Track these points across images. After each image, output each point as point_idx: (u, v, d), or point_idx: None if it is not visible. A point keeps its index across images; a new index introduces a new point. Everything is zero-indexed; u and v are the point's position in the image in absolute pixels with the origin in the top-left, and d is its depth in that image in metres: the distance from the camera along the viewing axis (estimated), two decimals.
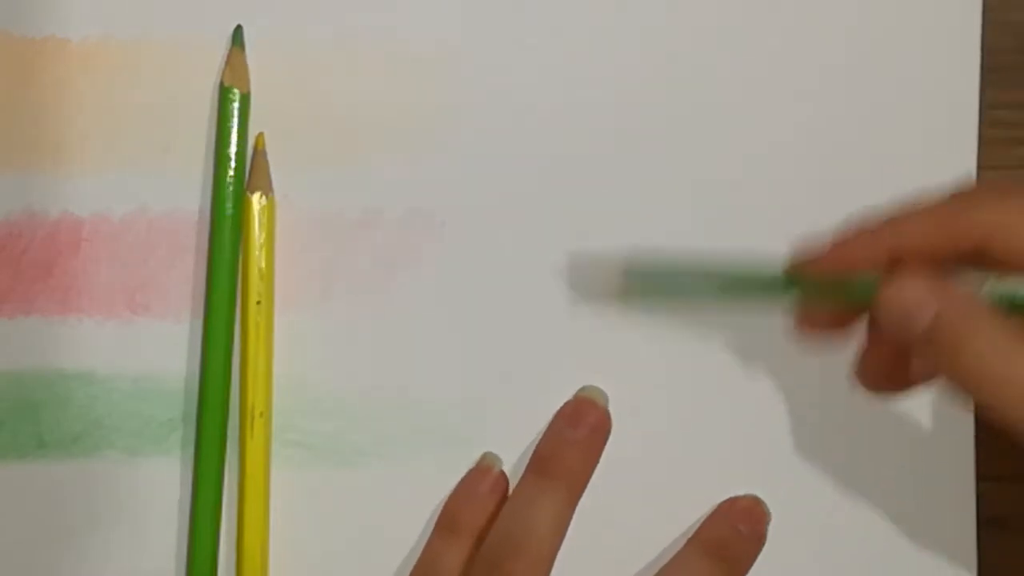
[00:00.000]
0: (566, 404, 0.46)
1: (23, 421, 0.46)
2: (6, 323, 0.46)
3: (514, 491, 0.46)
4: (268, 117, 0.46)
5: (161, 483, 0.46)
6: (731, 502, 0.46)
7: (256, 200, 0.46)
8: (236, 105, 0.46)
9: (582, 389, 0.47)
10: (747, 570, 0.46)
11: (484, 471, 0.46)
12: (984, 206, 0.40)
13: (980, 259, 0.40)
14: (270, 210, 0.46)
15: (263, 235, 0.46)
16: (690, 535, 0.47)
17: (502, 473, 0.46)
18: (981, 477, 0.47)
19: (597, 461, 0.46)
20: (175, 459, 0.46)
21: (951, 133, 0.47)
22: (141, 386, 0.46)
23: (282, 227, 0.46)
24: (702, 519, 0.47)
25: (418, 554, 0.46)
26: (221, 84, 0.46)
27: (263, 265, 0.46)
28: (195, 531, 0.46)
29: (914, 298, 0.39)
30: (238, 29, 0.46)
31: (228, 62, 0.46)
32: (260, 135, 0.46)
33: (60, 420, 0.46)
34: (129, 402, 0.46)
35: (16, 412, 0.46)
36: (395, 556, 0.47)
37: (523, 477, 0.46)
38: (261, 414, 0.46)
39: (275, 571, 0.46)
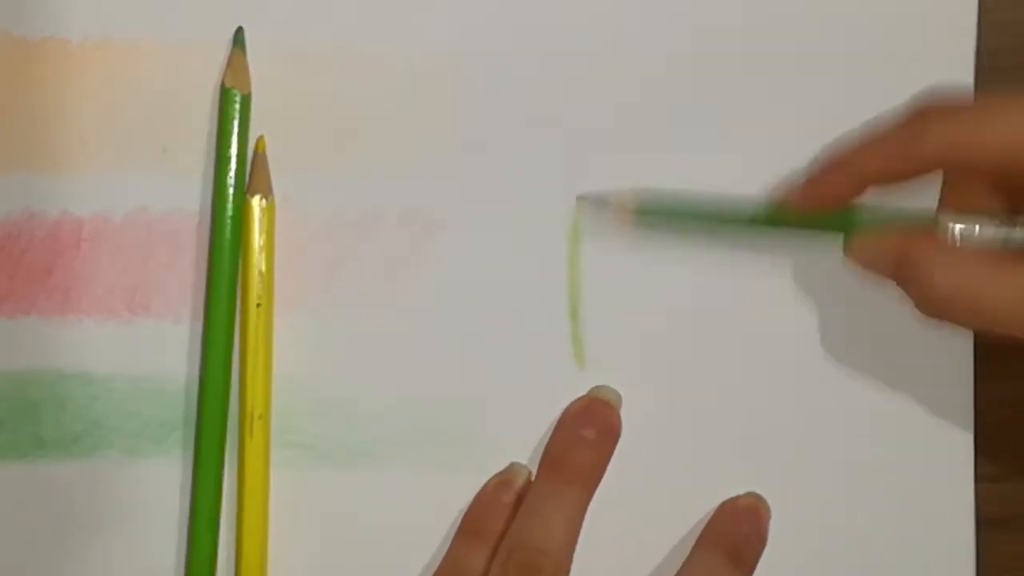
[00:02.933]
0: (576, 402, 0.46)
1: (23, 421, 0.46)
2: (6, 323, 0.46)
3: (530, 492, 0.46)
4: (268, 118, 0.46)
5: (160, 483, 0.46)
6: (733, 502, 0.46)
7: (256, 203, 0.46)
8: (237, 107, 0.46)
9: (595, 388, 0.47)
10: (754, 569, 0.46)
11: (508, 482, 0.46)
12: (937, 123, 0.42)
13: (947, 168, 0.42)
14: (270, 213, 0.46)
15: (263, 238, 0.46)
16: (690, 536, 0.47)
17: (527, 482, 0.46)
18: (980, 477, 0.47)
19: (609, 461, 0.46)
20: (175, 459, 0.46)
21: None
22: (141, 386, 0.46)
23: (282, 228, 0.46)
24: (703, 520, 0.47)
25: (418, 554, 0.46)
26: (222, 86, 0.46)
27: (263, 267, 0.46)
28: (194, 532, 0.46)
29: (870, 251, 0.43)
30: (239, 31, 0.46)
31: (229, 64, 0.46)
32: (260, 138, 0.46)
33: (60, 420, 0.46)
34: (129, 402, 0.46)
35: (16, 412, 0.46)
36: (395, 556, 0.47)
37: (538, 477, 0.46)
38: (260, 416, 0.46)
39: (274, 571, 0.46)
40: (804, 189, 0.44)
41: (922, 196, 0.44)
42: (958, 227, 0.43)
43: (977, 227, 0.43)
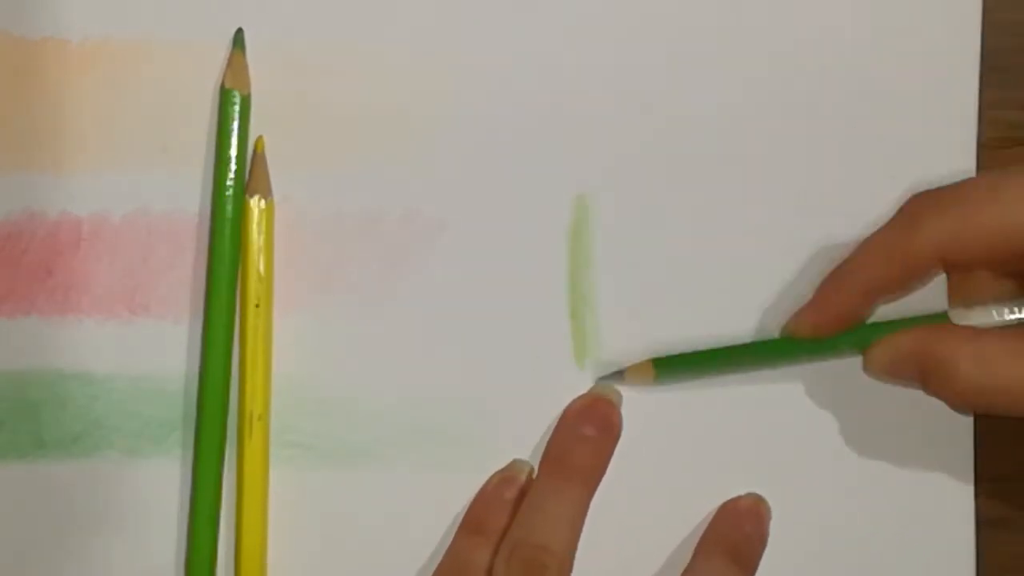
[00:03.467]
0: (577, 400, 0.46)
1: (23, 421, 0.46)
2: (6, 323, 0.46)
3: (533, 489, 0.46)
4: (268, 118, 0.46)
5: (160, 483, 0.46)
6: (734, 503, 0.46)
7: (255, 204, 0.46)
8: (237, 107, 0.46)
9: (596, 386, 0.47)
10: (756, 570, 0.46)
11: (511, 479, 0.46)
12: (927, 224, 0.42)
13: (950, 263, 0.42)
14: (269, 214, 0.46)
15: (262, 239, 0.46)
16: (691, 537, 0.47)
17: (529, 479, 0.46)
18: (980, 477, 0.47)
19: (610, 458, 0.46)
20: (174, 459, 0.46)
21: (951, 133, 0.47)
22: (141, 386, 0.46)
23: (282, 228, 0.46)
24: (703, 520, 0.47)
25: (418, 554, 0.46)
26: (222, 86, 0.46)
27: (262, 268, 0.46)
28: (194, 533, 0.46)
29: (891, 358, 0.43)
30: (239, 32, 0.46)
31: (229, 64, 0.46)
32: (260, 139, 0.46)
33: (60, 420, 0.46)
34: (128, 402, 0.46)
35: (16, 412, 0.46)
36: (395, 556, 0.47)
37: (540, 475, 0.46)
38: (260, 417, 0.46)
39: (274, 571, 0.46)
40: (811, 315, 0.44)
41: (933, 303, 0.44)
42: (972, 319, 0.43)
43: (992, 314, 0.42)
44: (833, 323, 0.44)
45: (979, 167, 0.47)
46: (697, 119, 0.47)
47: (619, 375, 0.46)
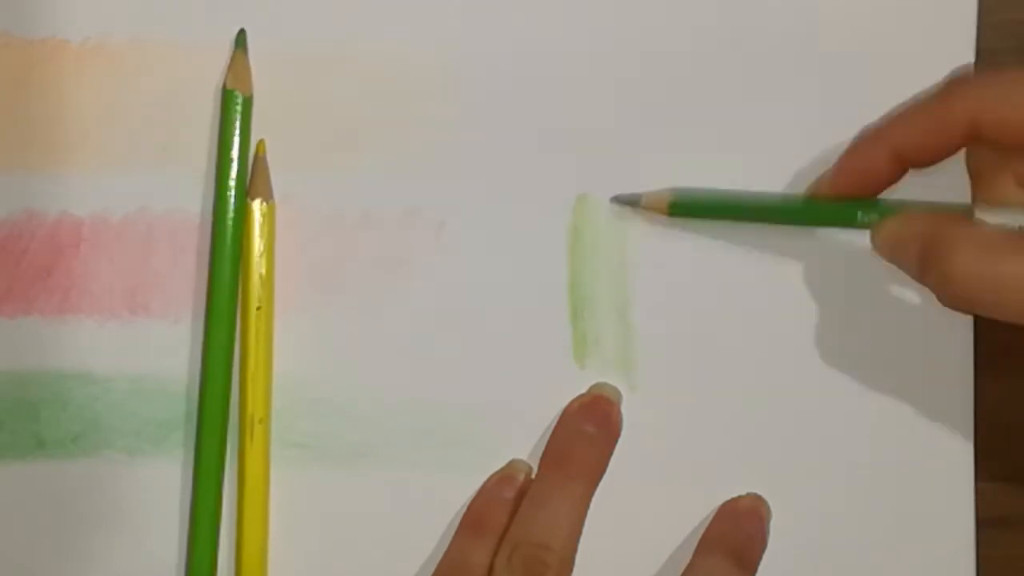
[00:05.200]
0: (578, 399, 0.47)
1: (23, 421, 0.46)
2: (6, 323, 0.46)
3: (533, 487, 0.46)
4: (269, 119, 0.46)
5: (160, 483, 0.46)
6: (733, 503, 0.47)
7: (256, 207, 0.46)
8: (239, 108, 0.46)
9: (596, 385, 0.47)
10: (756, 570, 0.46)
11: (510, 478, 0.46)
12: (966, 90, 0.41)
13: (978, 141, 0.41)
14: (270, 217, 0.46)
15: (263, 242, 0.46)
16: (691, 537, 0.47)
17: (527, 478, 0.46)
18: (980, 477, 0.47)
19: (610, 457, 0.46)
20: (175, 459, 0.46)
21: None
22: (141, 386, 0.46)
23: (282, 228, 0.46)
24: (703, 520, 0.47)
25: (418, 554, 0.46)
26: (224, 87, 0.46)
27: (263, 271, 0.46)
28: (194, 534, 0.46)
29: (897, 234, 0.42)
30: (241, 32, 0.46)
31: (231, 65, 0.46)
32: (261, 142, 0.46)
33: (59, 420, 0.46)
34: (129, 402, 0.46)
35: (16, 412, 0.46)
36: (395, 556, 0.47)
37: (540, 473, 0.46)
38: (261, 420, 0.46)
39: (274, 571, 0.46)
40: (839, 170, 0.44)
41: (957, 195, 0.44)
42: (990, 217, 0.42)
43: (1016, 217, 0.41)
44: (859, 183, 0.43)
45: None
46: (698, 119, 0.47)
47: (636, 198, 0.46)
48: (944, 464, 0.47)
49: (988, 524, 0.47)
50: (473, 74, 0.47)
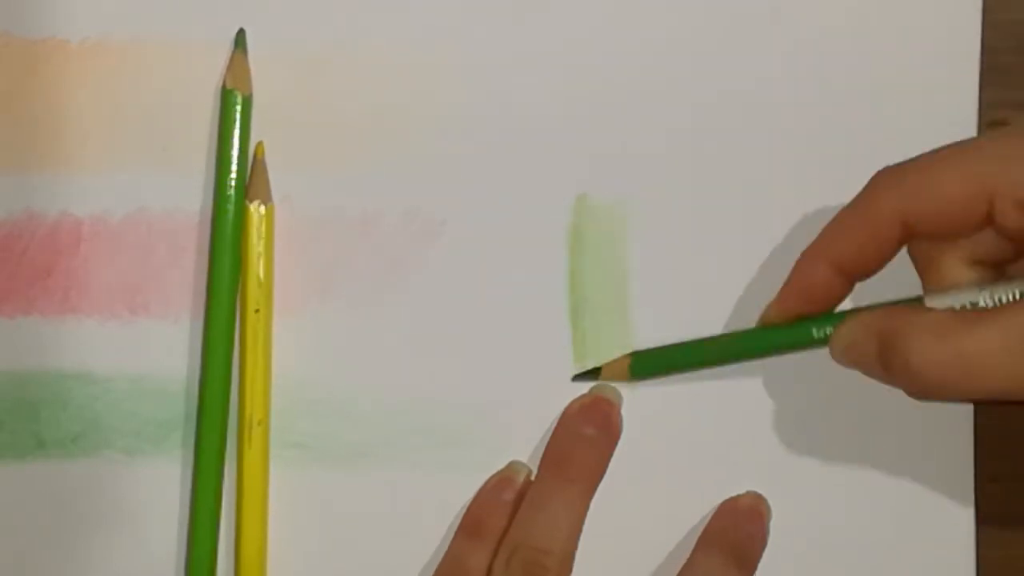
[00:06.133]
0: (577, 400, 0.47)
1: (23, 421, 0.46)
2: (6, 323, 0.46)
3: (532, 489, 0.46)
4: (269, 118, 0.46)
5: (160, 483, 0.46)
6: (733, 501, 0.46)
7: (255, 209, 0.46)
8: (238, 108, 0.46)
9: (596, 386, 0.47)
10: (756, 569, 0.46)
11: (509, 480, 0.46)
12: (889, 188, 0.41)
13: (913, 236, 0.41)
14: (269, 219, 0.46)
15: (262, 244, 0.46)
16: (691, 536, 0.47)
17: (527, 480, 0.46)
18: (981, 477, 0.47)
19: (610, 459, 0.46)
20: (174, 459, 0.46)
21: (951, 133, 0.47)
22: (140, 386, 0.46)
23: (282, 228, 0.46)
24: (703, 519, 0.47)
25: (418, 554, 0.46)
26: (223, 87, 0.46)
27: (262, 274, 0.46)
28: (194, 535, 0.46)
29: (853, 337, 0.42)
30: (241, 32, 0.46)
31: (231, 65, 0.46)
32: (260, 144, 0.46)
33: (59, 420, 0.46)
34: (128, 402, 0.46)
35: (16, 412, 0.46)
36: (395, 556, 0.47)
37: (539, 475, 0.46)
38: (259, 422, 0.46)
39: (274, 571, 0.46)
40: (784, 293, 0.44)
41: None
42: (940, 301, 0.41)
43: (967, 298, 0.41)
44: (805, 303, 0.43)
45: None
46: (698, 119, 0.47)
47: (595, 372, 0.46)
48: (944, 464, 0.47)
49: (988, 524, 0.47)
50: (473, 74, 0.47)
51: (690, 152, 0.47)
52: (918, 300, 0.42)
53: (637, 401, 0.47)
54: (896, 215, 0.41)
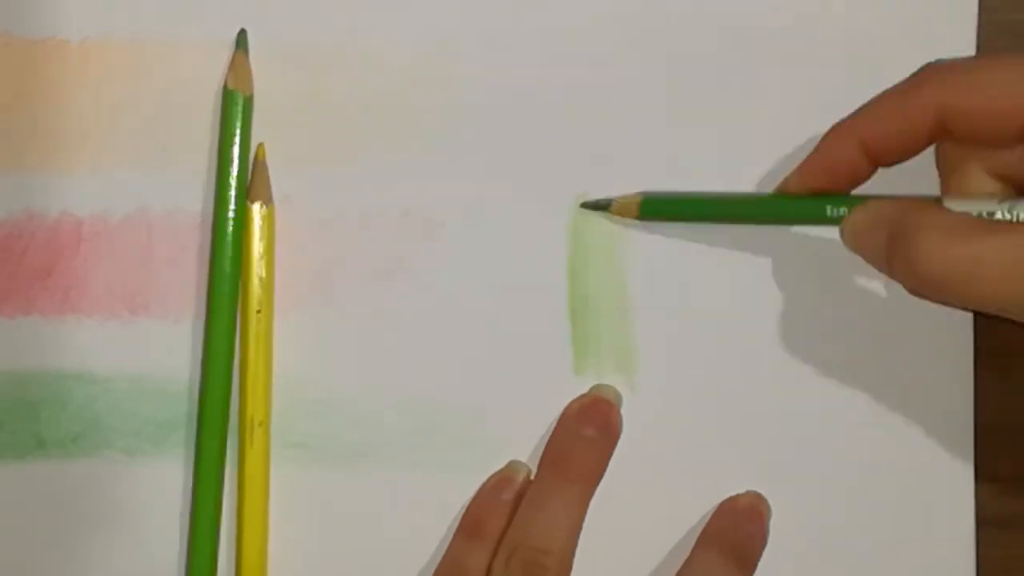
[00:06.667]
0: (577, 400, 0.47)
1: (23, 421, 0.46)
2: (6, 323, 0.46)
3: (532, 489, 0.46)
4: (269, 118, 0.46)
5: (161, 483, 0.46)
6: (733, 500, 0.46)
7: (256, 210, 0.46)
8: (239, 108, 0.46)
9: (596, 387, 0.47)
10: (755, 568, 0.46)
11: (508, 479, 0.46)
12: (935, 78, 0.41)
13: (947, 132, 0.41)
14: (270, 220, 0.46)
15: (263, 244, 0.46)
16: (691, 535, 0.47)
17: (526, 480, 0.46)
18: (980, 477, 0.47)
19: (609, 459, 0.46)
20: (175, 459, 0.46)
21: None
22: (141, 386, 0.46)
23: (282, 228, 0.46)
24: (703, 519, 0.47)
25: (418, 554, 0.46)
26: (225, 87, 0.46)
27: (263, 274, 0.46)
28: (195, 535, 0.46)
29: (866, 223, 0.41)
30: (242, 32, 0.46)
31: (232, 65, 0.46)
32: (261, 146, 0.46)
33: (59, 420, 0.46)
34: (128, 402, 0.46)
35: (16, 412, 0.46)
36: (395, 556, 0.47)
37: (539, 475, 0.46)
38: (261, 423, 0.46)
39: (274, 571, 0.46)
40: (807, 164, 0.44)
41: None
42: (959, 206, 0.41)
43: (985, 207, 0.41)
44: (827, 177, 0.43)
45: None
46: (697, 119, 0.47)
47: (606, 205, 0.46)
48: (944, 464, 0.47)
49: (988, 524, 0.47)
50: (473, 74, 0.47)
51: (690, 152, 0.47)
52: (936, 200, 0.42)
53: (637, 401, 0.47)
54: (935, 106, 0.41)
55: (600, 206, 0.46)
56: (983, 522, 0.47)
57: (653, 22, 0.47)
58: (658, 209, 0.46)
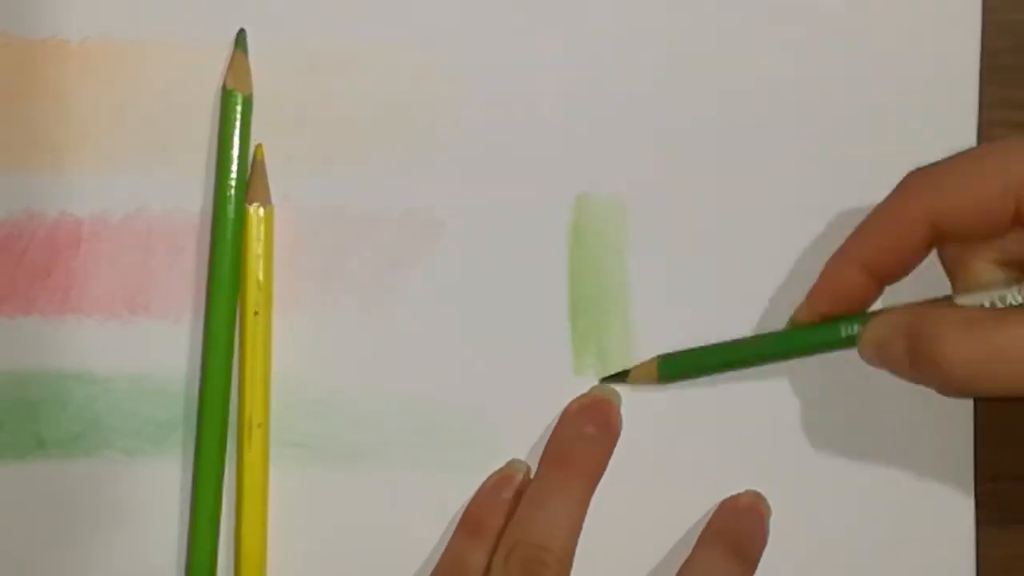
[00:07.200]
0: (578, 399, 0.47)
1: (23, 421, 0.46)
2: (6, 323, 0.46)
3: (532, 487, 0.46)
4: (269, 118, 0.46)
5: (160, 483, 0.46)
6: (733, 500, 0.47)
7: (254, 211, 0.46)
8: (239, 108, 0.46)
9: (596, 387, 0.47)
10: (757, 566, 0.46)
11: (508, 478, 0.46)
12: (920, 188, 0.42)
13: (944, 237, 0.42)
14: (268, 221, 0.46)
15: (261, 246, 0.46)
16: (691, 534, 0.47)
17: (526, 479, 0.46)
18: (981, 477, 0.47)
19: (609, 458, 0.46)
20: (174, 459, 0.46)
21: (951, 133, 0.47)
22: (140, 386, 0.46)
23: (282, 227, 0.46)
24: (703, 518, 0.47)
25: (417, 554, 0.46)
26: (224, 87, 0.46)
27: (261, 276, 0.46)
28: (194, 535, 0.46)
29: (882, 335, 0.42)
30: (241, 32, 0.46)
31: (231, 65, 0.46)
32: (259, 147, 0.46)
33: (59, 420, 0.46)
34: (128, 402, 0.46)
35: (16, 412, 0.46)
36: (395, 556, 0.47)
37: (539, 472, 0.46)
38: (259, 425, 0.46)
39: (274, 571, 0.46)
40: (814, 294, 0.44)
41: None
42: (969, 300, 0.42)
43: (995, 298, 0.41)
44: (837, 305, 0.44)
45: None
46: (698, 119, 0.47)
47: (623, 376, 0.46)
48: (944, 464, 0.47)
49: (988, 524, 0.47)
50: (473, 74, 0.47)
51: (690, 152, 0.47)
52: (946, 300, 0.42)
53: (637, 401, 0.47)
54: (926, 216, 0.41)
55: (618, 378, 0.47)
56: (983, 522, 0.47)
57: (654, 22, 0.47)
58: (677, 367, 0.46)
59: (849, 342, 0.44)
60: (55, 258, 0.46)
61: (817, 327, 0.44)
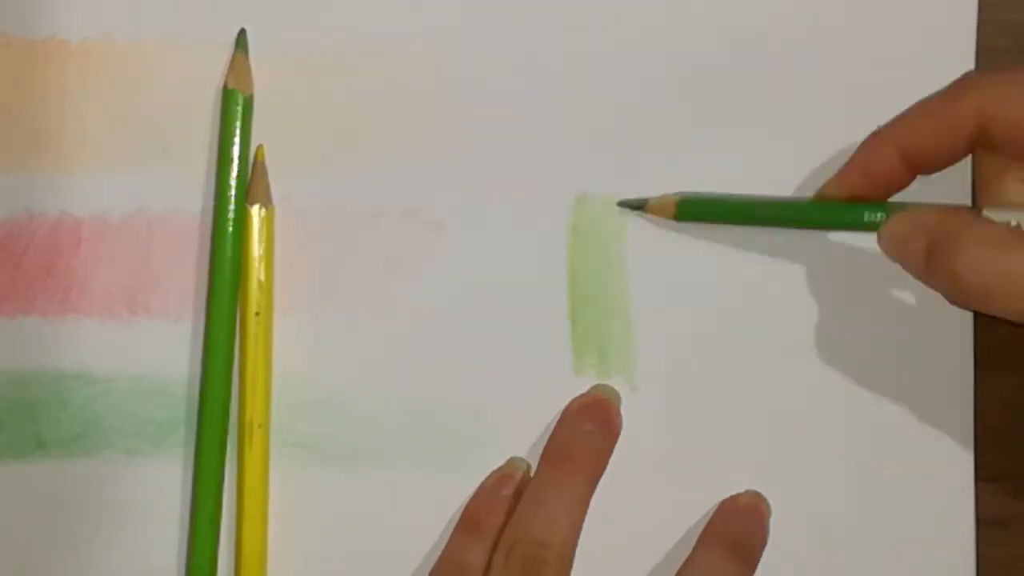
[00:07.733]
0: (578, 398, 0.47)
1: (23, 421, 0.46)
2: (6, 323, 0.46)
3: (532, 484, 0.46)
4: (269, 118, 0.46)
5: (160, 483, 0.46)
6: (733, 500, 0.47)
7: (255, 212, 0.46)
8: (239, 108, 0.46)
9: (596, 387, 0.47)
10: (757, 566, 0.46)
11: (508, 476, 0.46)
12: (974, 88, 0.42)
13: (987, 142, 0.41)
14: (269, 222, 0.46)
15: (262, 247, 0.46)
16: (691, 534, 0.47)
17: (526, 477, 0.46)
18: (981, 477, 0.47)
19: (609, 458, 0.46)
20: (174, 459, 0.46)
21: None
22: (140, 386, 0.46)
23: (282, 228, 0.46)
24: (703, 518, 0.47)
25: (417, 554, 0.46)
26: (224, 87, 0.46)
27: (262, 277, 0.46)
28: (194, 536, 0.46)
29: (905, 230, 0.42)
30: (242, 33, 0.46)
31: (232, 65, 0.46)
32: (260, 147, 0.46)
33: (59, 420, 0.46)
34: (128, 402, 0.46)
35: (16, 412, 0.46)
36: (395, 556, 0.47)
37: (539, 470, 0.46)
38: (260, 425, 0.46)
39: (274, 571, 0.46)
40: (846, 170, 0.44)
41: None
42: (997, 216, 0.41)
43: (1017, 217, 0.41)
44: (865, 184, 0.43)
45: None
46: (697, 119, 0.47)
47: (642, 203, 0.46)
48: (944, 464, 0.47)
49: (988, 524, 0.47)
50: (473, 74, 0.47)
51: (690, 151, 0.47)
52: (974, 209, 0.42)
53: (637, 401, 0.47)
54: (976, 114, 0.41)
55: (635, 205, 0.46)
56: (983, 522, 0.47)
57: (655, 20, 0.47)
58: (695, 211, 0.46)
59: (870, 227, 0.43)
60: (55, 258, 0.46)
61: (842, 205, 0.44)
